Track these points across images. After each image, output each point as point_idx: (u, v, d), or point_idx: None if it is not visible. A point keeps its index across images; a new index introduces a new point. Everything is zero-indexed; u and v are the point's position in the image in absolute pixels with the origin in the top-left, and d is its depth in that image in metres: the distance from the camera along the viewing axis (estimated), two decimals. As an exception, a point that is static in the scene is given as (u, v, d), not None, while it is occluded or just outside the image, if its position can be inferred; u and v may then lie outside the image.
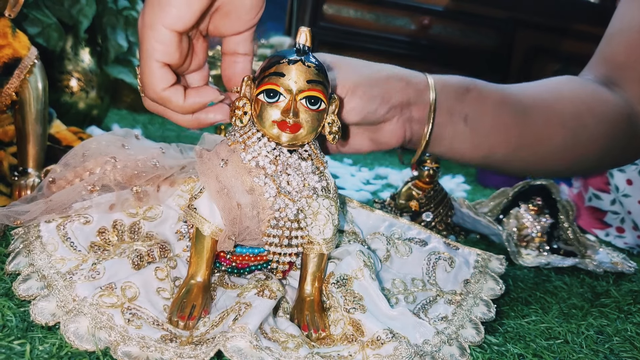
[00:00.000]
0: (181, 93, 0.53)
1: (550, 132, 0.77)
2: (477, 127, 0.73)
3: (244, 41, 0.57)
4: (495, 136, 0.74)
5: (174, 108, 0.54)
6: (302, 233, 0.51)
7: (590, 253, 0.93)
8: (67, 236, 0.54)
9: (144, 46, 0.51)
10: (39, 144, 0.77)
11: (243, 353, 0.42)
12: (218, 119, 0.58)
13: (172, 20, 0.49)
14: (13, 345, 0.42)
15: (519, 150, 0.77)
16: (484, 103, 0.74)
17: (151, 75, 0.52)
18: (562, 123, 0.77)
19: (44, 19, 1.19)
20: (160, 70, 0.52)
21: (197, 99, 0.55)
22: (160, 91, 0.52)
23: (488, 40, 3.01)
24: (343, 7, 2.86)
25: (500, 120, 0.74)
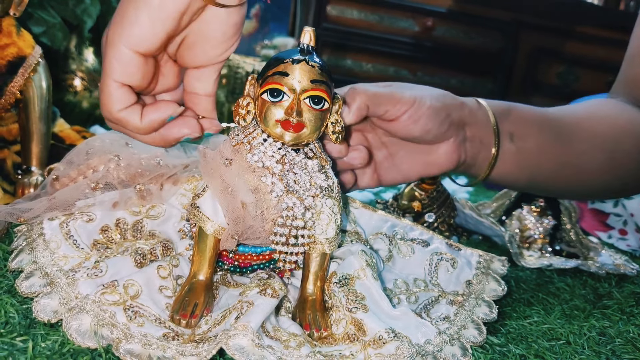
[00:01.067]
0: (138, 113, 0.52)
1: (591, 153, 0.76)
2: (522, 145, 0.71)
3: (206, 78, 0.55)
4: (539, 155, 0.73)
5: (132, 129, 0.52)
6: (309, 232, 0.51)
7: (593, 255, 0.93)
8: (70, 234, 0.54)
9: (104, 64, 0.49)
10: (43, 143, 0.77)
11: (245, 351, 0.42)
12: (184, 133, 0.55)
13: (135, 40, 0.48)
14: (15, 342, 0.42)
15: (562, 170, 0.75)
16: (527, 122, 0.73)
17: (108, 95, 0.50)
18: (602, 145, 0.77)
19: (48, 19, 1.20)
20: (118, 90, 0.50)
21: (154, 116, 0.52)
22: (116, 112, 0.51)
23: (491, 42, 3.01)
24: (346, 8, 2.86)
25: (543, 139, 0.73)
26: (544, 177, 0.76)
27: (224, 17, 0.52)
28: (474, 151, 0.69)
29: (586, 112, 0.81)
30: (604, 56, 2.89)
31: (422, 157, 0.68)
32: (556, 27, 3.00)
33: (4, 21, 0.72)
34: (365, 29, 2.87)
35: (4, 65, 0.72)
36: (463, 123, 0.67)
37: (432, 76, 2.98)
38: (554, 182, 0.77)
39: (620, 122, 0.79)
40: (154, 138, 0.55)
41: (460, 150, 0.67)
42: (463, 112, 0.67)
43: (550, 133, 0.74)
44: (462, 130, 0.67)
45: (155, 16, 0.48)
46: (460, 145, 0.67)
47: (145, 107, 0.53)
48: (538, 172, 0.74)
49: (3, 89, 0.72)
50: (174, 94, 0.59)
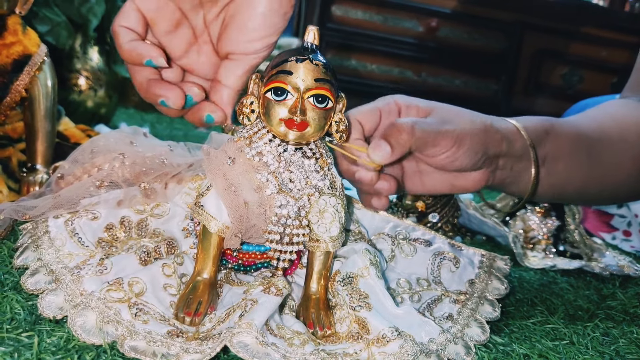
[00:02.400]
0: (131, 37, 0.52)
1: (620, 163, 0.76)
2: (553, 167, 0.71)
3: (233, 70, 0.55)
4: (568, 175, 0.73)
5: (117, 46, 0.53)
6: (304, 231, 0.51)
7: (597, 256, 0.92)
8: (75, 232, 0.54)
9: None
10: (48, 141, 0.77)
11: (249, 349, 0.42)
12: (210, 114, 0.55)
13: None
14: (21, 338, 0.42)
15: (588, 185, 0.75)
16: (561, 145, 0.72)
17: (121, 11, 0.53)
18: (631, 154, 0.76)
19: (53, 18, 1.20)
20: (131, 11, 0.52)
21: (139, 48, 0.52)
22: (117, 26, 0.52)
23: (495, 43, 3.00)
24: (351, 8, 2.87)
25: (574, 160, 0.73)
26: (570, 194, 0.76)
27: (257, 8, 0.52)
28: (503, 177, 0.69)
29: (611, 119, 0.80)
30: (608, 57, 2.88)
31: (450, 179, 0.68)
32: (560, 28, 2.99)
33: (10, 20, 0.73)
34: (370, 29, 2.87)
35: (9, 63, 0.72)
36: (498, 155, 0.66)
37: (436, 77, 2.98)
38: (583, 197, 0.78)
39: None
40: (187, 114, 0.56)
41: (488, 178, 0.67)
42: (501, 147, 0.66)
43: (582, 152, 0.74)
44: (495, 161, 0.67)
45: None
46: (490, 174, 0.67)
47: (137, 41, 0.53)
48: (565, 189, 0.74)
49: (9, 87, 0.72)
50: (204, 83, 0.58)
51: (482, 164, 0.65)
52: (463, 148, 0.61)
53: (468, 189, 0.68)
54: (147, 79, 0.54)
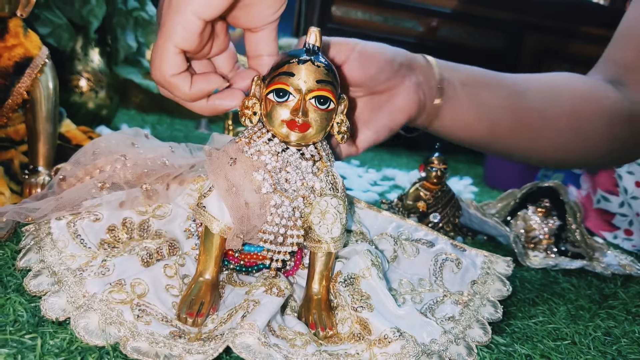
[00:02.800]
0: (188, 80, 0.53)
1: (550, 118, 0.77)
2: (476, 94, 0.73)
3: (266, 39, 0.56)
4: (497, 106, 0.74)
5: (180, 95, 0.53)
6: (298, 232, 0.51)
7: (598, 255, 0.92)
8: (77, 233, 0.54)
9: (165, 28, 0.49)
10: (50, 143, 0.77)
11: (251, 350, 0.42)
12: (231, 105, 0.56)
13: (203, 8, 0.48)
14: (24, 340, 0.42)
15: (521, 128, 0.76)
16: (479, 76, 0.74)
17: (164, 59, 0.51)
18: (563, 112, 0.78)
19: (54, 20, 1.20)
20: (176, 56, 0.50)
21: (202, 85, 0.53)
22: (169, 77, 0.51)
23: (496, 43, 3.00)
24: (351, 9, 2.86)
25: (499, 93, 0.74)
26: (504, 132, 0.76)
27: None
28: (432, 94, 0.70)
29: (543, 79, 0.82)
30: (608, 57, 2.87)
31: (386, 108, 0.69)
32: (560, 27, 2.99)
33: (12, 22, 0.73)
34: (370, 29, 2.87)
35: (11, 65, 0.72)
36: (412, 67, 0.68)
37: (436, 77, 2.98)
38: (515, 140, 0.78)
39: (581, 90, 0.81)
40: (203, 107, 0.56)
41: (418, 92, 0.68)
42: (409, 57, 0.69)
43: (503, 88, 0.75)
44: (412, 73, 0.68)
45: None
46: (417, 86, 0.68)
47: (194, 76, 0.53)
48: (497, 125, 0.75)
49: (10, 90, 0.72)
50: (227, 55, 0.59)
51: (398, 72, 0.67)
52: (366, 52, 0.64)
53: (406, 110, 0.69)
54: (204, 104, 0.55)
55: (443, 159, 0.94)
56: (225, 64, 0.59)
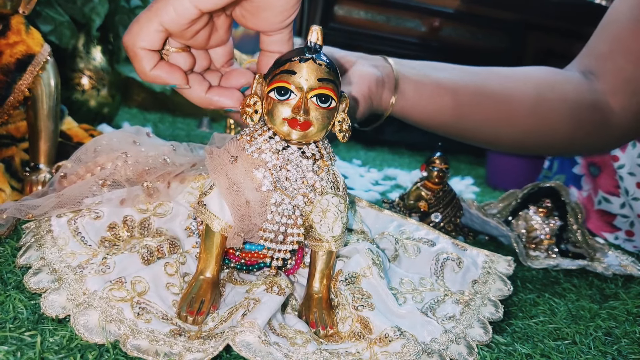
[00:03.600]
0: (154, 61, 0.52)
1: (513, 99, 0.79)
2: (433, 72, 0.76)
3: (280, 41, 0.56)
4: (455, 82, 0.76)
5: (138, 69, 0.52)
6: (298, 231, 0.51)
7: (599, 256, 0.92)
8: (77, 231, 0.54)
9: (157, 4, 0.49)
10: (51, 140, 0.77)
11: (252, 348, 0.42)
12: (228, 104, 0.57)
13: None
14: (24, 337, 0.42)
15: (484, 108, 0.78)
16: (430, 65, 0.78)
17: (143, 30, 0.50)
18: (525, 94, 0.79)
19: (56, 17, 1.20)
20: (156, 33, 0.50)
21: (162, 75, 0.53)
22: (138, 47, 0.51)
23: (498, 43, 3.00)
24: (354, 8, 2.86)
25: (456, 72, 0.77)
26: (466, 111, 0.79)
27: None
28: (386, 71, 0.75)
29: (505, 68, 0.84)
30: (611, 57, 2.87)
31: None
32: (563, 28, 2.99)
33: (14, 19, 0.73)
34: (372, 29, 2.86)
35: (13, 63, 0.72)
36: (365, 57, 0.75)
37: (438, 77, 2.98)
38: (479, 121, 0.80)
39: (546, 80, 0.82)
40: (201, 98, 0.56)
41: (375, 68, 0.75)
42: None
43: (464, 71, 0.79)
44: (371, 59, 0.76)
45: None
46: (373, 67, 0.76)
47: (161, 62, 0.53)
48: (458, 103, 0.77)
49: (12, 87, 0.72)
50: (223, 49, 0.59)
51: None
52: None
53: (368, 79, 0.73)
54: (204, 94, 0.56)
55: (445, 158, 0.94)
56: (220, 58, 0.59)
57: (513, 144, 0.90)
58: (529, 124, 0.80)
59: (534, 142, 0.86)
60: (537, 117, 0.80)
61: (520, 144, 0.89)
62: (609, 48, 0.85)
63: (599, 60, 0.85)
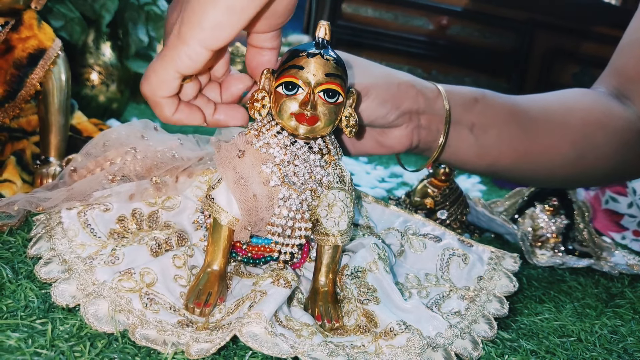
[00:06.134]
0: (174, 106, 0.53)
1: (558, 148, 0.76)
2: (482, 136, 0.72)
3: (271, 39, 0.56)
4: (500, 146, 0.74)
5: (159, 115, 0.54)
6: (306, 225, 0.51)
7: (606, 255, 0.92)
8: (87, 223, 0.55)
9: (169, 52, 0.49)
10: (61, 134, 0.78)
11: (258, 339, 0.43)
12: (234, 124, 0.58)
13: (211, 41, 0.47)
14: (35, 325, 0.43)
15: (524, 161, 0.76)
16: (492, 114, 0.73)
17: (161, 80, 0.50)
18: (571, 140, 0.76)
19: (67, 13, 1.21)
20: (174, 80, 0.50)
21: (184, 118, 0.55)
22: (159, 97, 0.52)
23: (507, 42, 2.99)
24: (361, 6, 2.86)
25: (506, 131, 0.74)
26: (505, 169, 0.76)
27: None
28: (429, 139, 0.71)
29: (558, 102, 0.80)
30: (620, 57, 2.85)
31: (375, 136, 0.71)
32: (572, 27, 2.98)
33: (26, 14, 0.74)
34: (380, 27, 2.86)
35: (24, 57, 0.73)
36: (417, 112, 0.68)
37: (446, 75, 2.98)
38: (517, 173, 0.78)
39: (593, 115, 0.79)
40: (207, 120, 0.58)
41: (412, 136, 0.69)
42: (417, 102, 0.68)
43: (515, 124, 0.74)
44: (416, 118, 0.69)
45: (236, 18, 0.47)
46: (412, 132, 0.69)
47: (181, 105, 0.54)
48: (499, 163, 0.75)
49: (24, 81, 0.73)
50: (223, 61, 0.59)
51: (399, 119, 0.67)
52: (369, 98, 0.64)
53: (394, 149, 0.71)
54: (212, 117, 0.58)
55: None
56: (221, 69, 0.60)
57: (551, 184, 0.91)
58: (574, 170, 0.79)
59: (575, 181, 0.86)
60: (581, 164, 0.78)
61: (559, 184, 0.89)
62: (638, 69, 0.83)
63: (630, 83, 0.82)
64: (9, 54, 0.72)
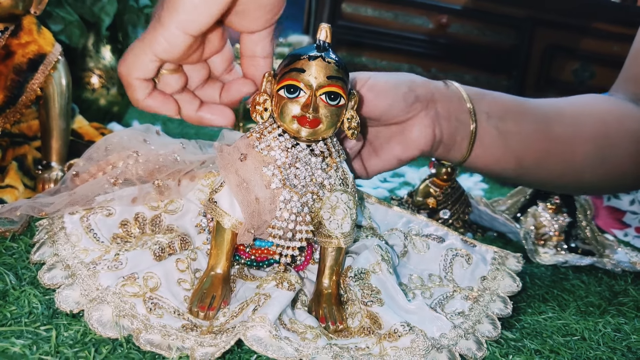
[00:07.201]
0: (147, 90, 0.52)
1: (580, 146, 0.75)
2: (502, 127, 0.70)
3: (262, 41, 0.55)
4: (522, 138, 0.72)
5: (131, 97, 0.53)
6: (307, 228, 0.51)
7: (609, 252, 0.92)
8: (90, 227, 0.55)
9: (149, 35, 0.49)
10: (62, 139, 0.78)
11: (263, 342, 0.43)
12: (219, 124, 0.57)
13: (188, 24, 0.48)
14: (39, 331, 0.43)
15: (548, 159, 0.74)
16: (503, 105, 0.72)
17: (137, 61, 0.50)
18: (590, 138, 0.75)
19: (66, 17, 1.21)
20: (150, 63, 0.50)
21: (156, 106, 0.54)
22: (133, 78, 0.51)
23: (506, 39, 2.99)
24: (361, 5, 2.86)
25: (523, 122, 0.72)
26: (532, 165, 0.74)
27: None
28: (451, 129, 0.68)
29: (570, 104, 0.79)
30: (620, 53, 2.85)
31: (398, 139, 0.68)
32: (571, 23, 2.97)
33: (25, 19, 0.74)
34: (380, 26, 2.86)
35: (25, 62, 0.73)
36: (432, 99, 0.66)
37: (446, 73, 2.97)
38: (544, 171, 0.76)
39: (612, 114, 0.78)
40: (190, 115, 0.56)
41: (434, 126, 0.67)
42: (429, 88, 0.66)
43: (529, 117, 0.73)
44: (432, 105, 0.66)
45: (213, 1, 0.47)
46: (433, 121, 0.67)
47: (155, 92, 0.53)
48: (524, 157, 0.73)
49: (24, 86, 0.73)
50: (222, 56, 0.58)
51: (414, 105, 0.65)
52: (379, 83, 0.64)
53: (419, 144, 0.67)
54: (194, 113, 0.56)
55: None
56: (220, 65, 0.59)
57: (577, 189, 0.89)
58: (593, 168, 0.77)
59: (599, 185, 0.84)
60: (602, 160, 0.77)
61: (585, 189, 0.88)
62: None
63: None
64: (9, 59, 0.72)
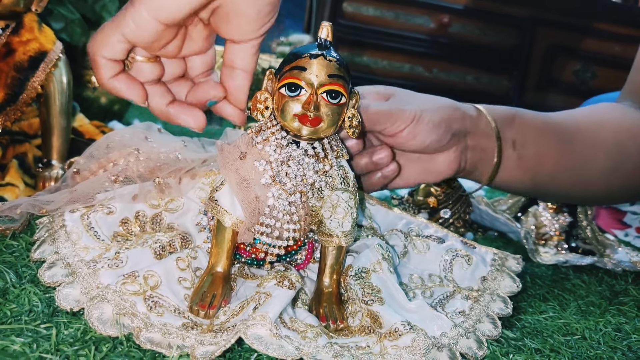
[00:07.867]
0: (113, 71, 0.51)
1: (593, 158, 0.76)
2: (523, 152, 0.73)
3: (244, 53, 0.54)
4: (540, 158, 0.74)
5: (96, 76, 0.51)
6: (294, 227, 0.51)
7: (609, 252, 0.92)
8: (90, 226, 0.55)
9: (119, 16, 0.48)
10: (63, 137, 0.78)
11: (263, 341, 0.43)
12: (186, 124, 0.55)
13: (156, 8, 0.47)
14: (39, 329, 0.43)
15: (564, 173, 0.76)
16: (529, 128, 0.74)
17: (105, 40, 0.49)
18: (605, 151, 0.77)
19: (67, 15, 1.21)
20: (118, 43, 0.49)
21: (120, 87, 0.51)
22: (99, 56, 0.50)
23: (508, 39, 2.99)
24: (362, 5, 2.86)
25: (543, 145, 0.74)
26: (546, 180, 0.76)
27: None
28: (475, 159, 0.71)
29: (588, 116, 0.81)
30: (621, 53, 2.86)
31: (422, 164, 0.70)
32: (573, 23, 2.97)
33: (26, 17, 0.74)
34: (381, 25, 2.86)
35: (26, 60, 0.73)
36: (465, 133, 0.69)
37: (447, 73, 2.97)
38: (557, 185, 0.78)
39: (623, 127, 0.80)
40: (161, 109, 0.55)
41: (460, 159, 0.69)
42: (464, 123, 0.68)
43: (551, 137, 0.75)
44: (463, 139, 0.69)
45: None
46: (461, 154, 0.69)
47: (121, 75, 0.52)
48: (540, 175, 0.75)
49: (25, 84, 0.73)
50: (202, 59, 0.57)
51: (449, 142, 0.67)
52: (423, 123, 0.64)
53: (442, 174, 0.70)
54: (164, 107, 0.54)
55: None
56: (198, 67, 0.57)
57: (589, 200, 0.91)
58: (610, 183, 0.79)
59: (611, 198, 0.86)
60: (616, 171, 0.78)
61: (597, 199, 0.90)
62: None
63: None
64: (10, 57, 0.72)
